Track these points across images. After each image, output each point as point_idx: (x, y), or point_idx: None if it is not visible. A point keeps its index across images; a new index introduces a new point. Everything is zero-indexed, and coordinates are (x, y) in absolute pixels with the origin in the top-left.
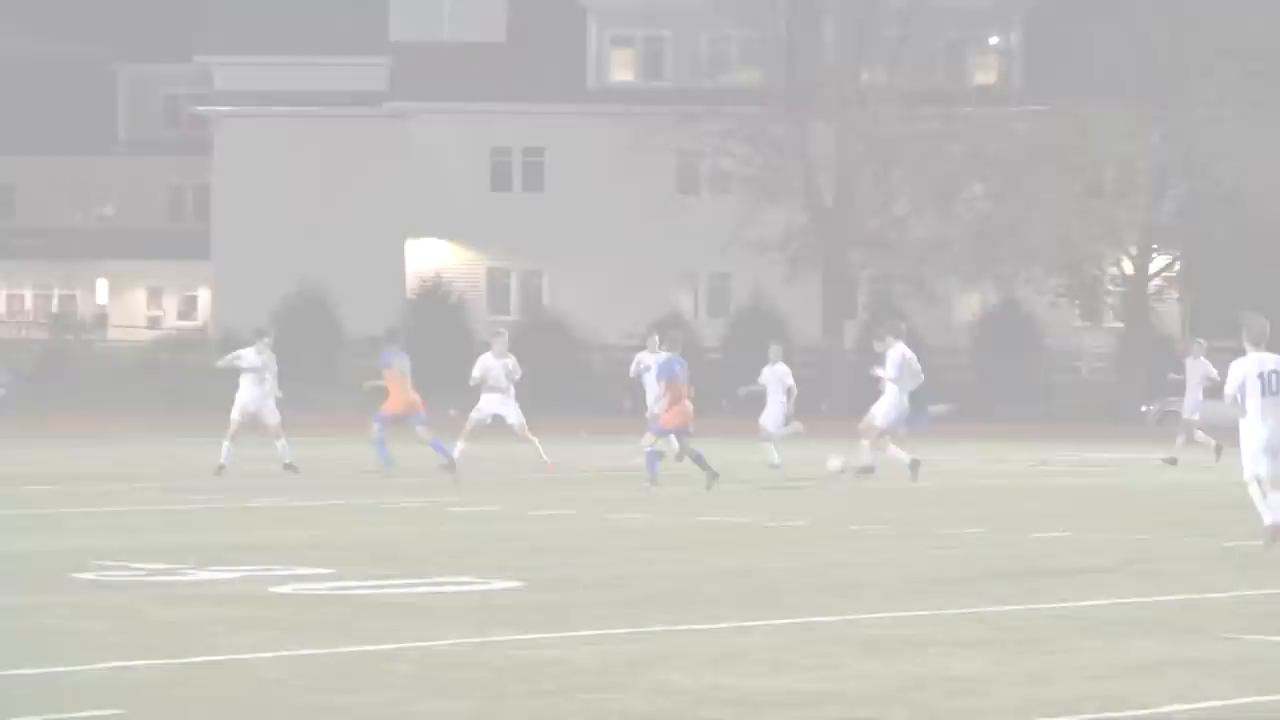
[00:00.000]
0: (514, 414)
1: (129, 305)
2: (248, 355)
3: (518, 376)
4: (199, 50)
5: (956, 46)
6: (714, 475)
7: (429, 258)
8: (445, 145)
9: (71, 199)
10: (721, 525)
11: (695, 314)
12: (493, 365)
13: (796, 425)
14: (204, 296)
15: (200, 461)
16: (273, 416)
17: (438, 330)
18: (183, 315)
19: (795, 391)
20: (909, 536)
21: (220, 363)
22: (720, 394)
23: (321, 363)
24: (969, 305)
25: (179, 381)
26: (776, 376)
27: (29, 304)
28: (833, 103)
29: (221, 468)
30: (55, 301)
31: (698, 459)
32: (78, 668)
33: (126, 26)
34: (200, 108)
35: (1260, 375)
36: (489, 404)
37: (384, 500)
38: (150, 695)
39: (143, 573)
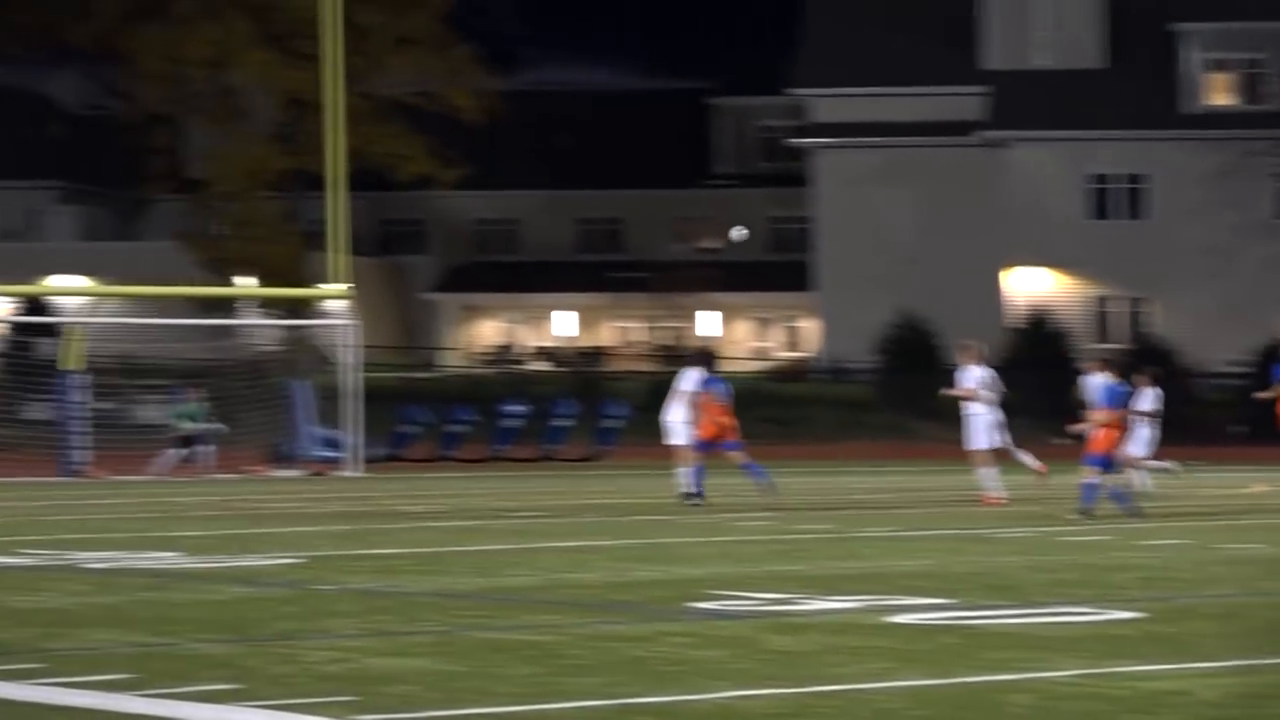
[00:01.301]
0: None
1: (736, 336)
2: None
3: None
4: (794, 83)
5: None
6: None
7: (1028, 286)
8: (1042, 173)
9: (674, 232)
10: None
11: None
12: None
13: None
14: (809, 327)
15: (791, 490)
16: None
17: (1041, 358)
18: (788, 345)
19: None
20: None
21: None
22: None
23: (921, 392)
24: None
25: (784, 411)
26: None
27: (638, 336)
28: None
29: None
30: (663, 333)
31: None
32: (698, 696)
33: (722, 61)
34: (795, 140)
35: None
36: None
37: (991, 529)
38: None
39: (759, 602)
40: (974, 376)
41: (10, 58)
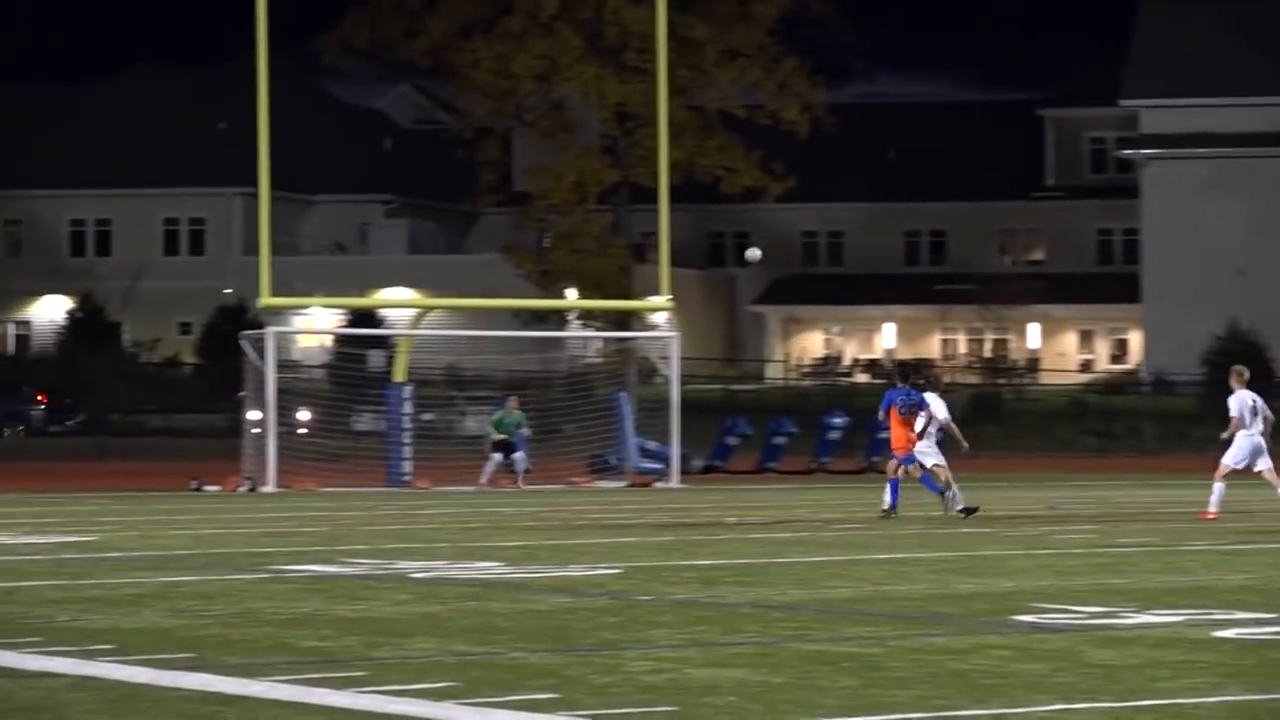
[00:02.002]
0: None
1: (1060, 349)
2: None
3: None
4: (1125, 94)
5: None
6: None
7: None
8: None
9: (1000, 244)
10: None
11: None
12: None
13: None
14: (1134, 339)
15: (1112, 503)
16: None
17: None
18: (1114, 359)
19: None
20: None
21: None
22: None
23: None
24: None
25: (1107, 424)
26: None
27: (962, 348)
28: None
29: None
30: (987, 345)
31: None
32: (1019, 709)
33: (1053, 72)
34: (1126, 151)
35: None
36: None
37: None
38: None
39: (1081, 615)
40: (1239, 401)
41: (345, 74)
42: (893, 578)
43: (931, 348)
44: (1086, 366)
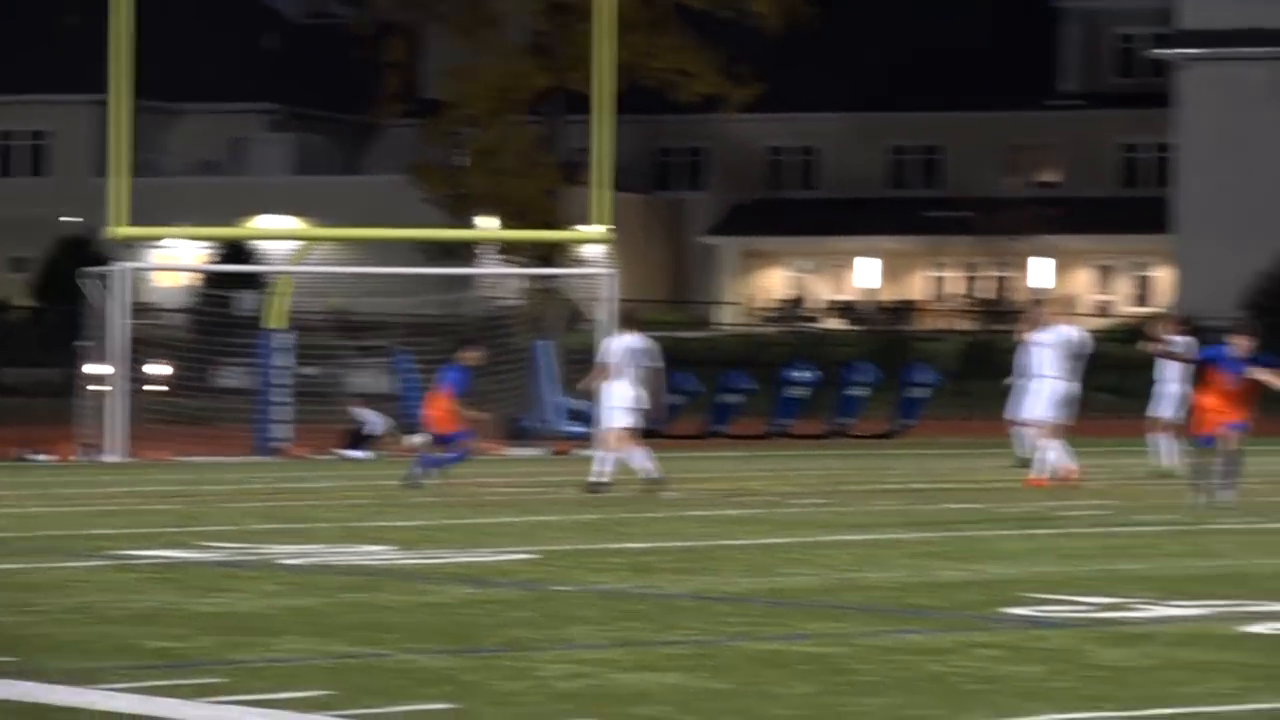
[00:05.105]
0: None
1: (1073, 288)
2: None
3: None
4: None
5: None
6: None
7: None
8: None
9: (1005, 163)
10: None
11: None
12: None
13: None
14: (1162, 277)
15: (1130, 474)
16: None
17: None
18: (1136, 299)
19: None
20: None
21: None
22: None
23: None
24: None
25: (1127, 379)
26: None
27: (955, 288)
28: None
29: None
30: (985, 284)
31: None
32: None
33: None
34: (1160, 51)
35: None
36: None
37: None
38: None
39: (1086, 607)
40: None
41: None
42: (863, 563)
43: (919, 288)
44: (1105, 309)
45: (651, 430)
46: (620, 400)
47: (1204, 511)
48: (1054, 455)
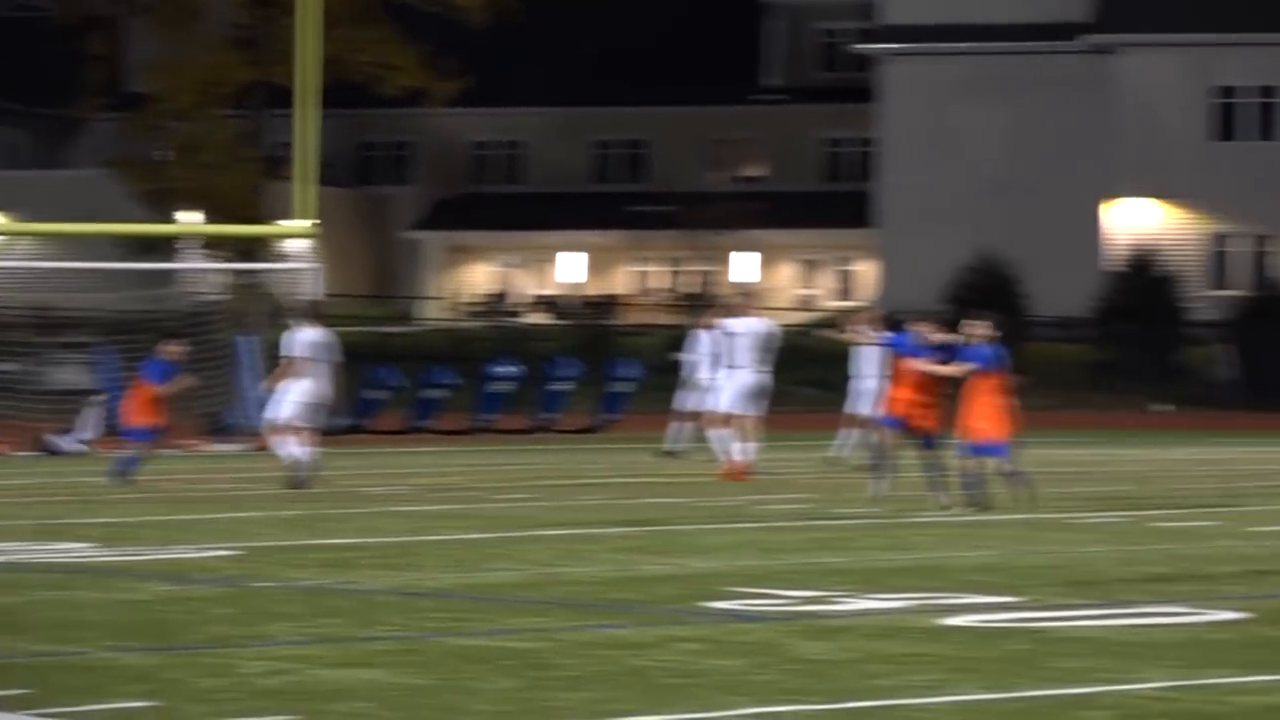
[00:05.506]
0: None
1: (777, 282)
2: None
3: None
4: None
5: None
6: None
7: (1133, 220)
8: (1157, 85)
9: (709, 158)
10: None
11: None
12: None
13: None
14: (865, 270)
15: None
16: None
17: (1142, 308)
18: (840, 293)
19: None
20: None
21: None
22: None
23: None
24: None
25: (830, 372)
26: None
27: (659, 282)
28: None
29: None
30: (689, 279)
31: None
32: (709, 714)
33: None
34: (863, 45)
35: None
36: None
37: (1072, 514)
38: None
39: (787, 601)
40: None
41: None
42: (565, 558)
43: (622, 282)
44: (808, 303)
45: (354, 426)
46: (296, 394)
47: (883, 499)
48: (725, 445)
